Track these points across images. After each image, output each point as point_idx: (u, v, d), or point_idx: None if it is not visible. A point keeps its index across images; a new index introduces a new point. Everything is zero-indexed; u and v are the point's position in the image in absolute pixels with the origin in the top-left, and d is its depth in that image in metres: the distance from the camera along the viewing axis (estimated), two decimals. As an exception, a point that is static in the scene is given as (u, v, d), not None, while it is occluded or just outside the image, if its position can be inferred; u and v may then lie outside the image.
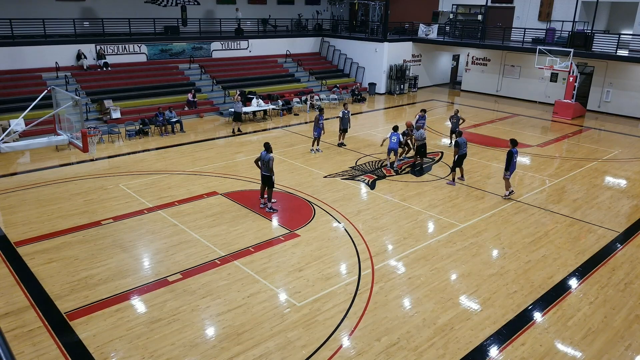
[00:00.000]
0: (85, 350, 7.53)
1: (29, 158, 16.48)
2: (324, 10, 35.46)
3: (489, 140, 19.96)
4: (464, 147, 14.54)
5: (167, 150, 17.72)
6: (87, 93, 21.35)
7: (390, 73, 29.58)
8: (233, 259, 10.22)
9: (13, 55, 20.92)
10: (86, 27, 24.45)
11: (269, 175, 12.20)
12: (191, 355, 7.47)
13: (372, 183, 14.79)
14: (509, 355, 7.66)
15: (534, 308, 8.87)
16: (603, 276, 10.02)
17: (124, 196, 13.38)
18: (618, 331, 8.29)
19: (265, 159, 12.05)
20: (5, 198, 13.19)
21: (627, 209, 13.45)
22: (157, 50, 25.15)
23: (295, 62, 29.89)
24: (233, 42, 27.89)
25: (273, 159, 12.12)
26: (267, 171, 12.14)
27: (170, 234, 11.29)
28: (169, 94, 23.17)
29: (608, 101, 25.64)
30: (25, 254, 10.27)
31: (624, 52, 24.69)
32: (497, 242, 11.32)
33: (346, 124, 18.08)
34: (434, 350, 7.68)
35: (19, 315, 8.32)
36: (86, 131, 10.45)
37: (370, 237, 11.31)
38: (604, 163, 17.43)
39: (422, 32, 30.46)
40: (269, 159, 12.02)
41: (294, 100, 25.02)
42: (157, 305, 8.64)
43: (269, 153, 12.08)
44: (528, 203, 13.58)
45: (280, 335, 7.91)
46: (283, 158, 16.74)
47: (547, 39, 26.88)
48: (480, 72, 30.71)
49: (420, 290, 9.30)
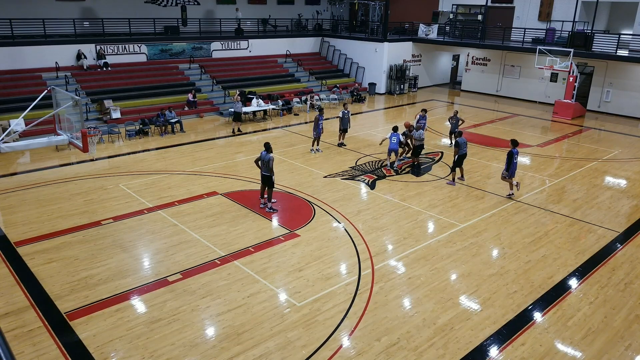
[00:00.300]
0: (85, 350, 7.53)
1: (29, 158, 16.48)
2: (324, 10, 35.45)
3: (489, 140, 19.96)
4: (464, 147, 14.57)
5: (167, 150, 17.72)
6: (87, 93, 21.35)
7: (390, 73, 29.58)
8: (233, 259, 10.22)
9: (13, 55, 20.92)
10: (86, 27, 24.45)
11: (269, 175, 12.22)
12: (191, 355, 7.47)
13: (372, 183, 14.79)
14: (509, 355, 7.66)
15: (534, 308, 8.87)
16: (603, 276, 10.03)
17: (124, 196, 13.39)
18: (618, 331, 8.29)
19: (265, 159, 12.07)
20: (5, 198, 13.19)
21: (627, 209, 13.45)
22: (157, 50, 25.15)
23: (295, 62, 29.88)
24: (233, 42, 27.89)
25: (273, 159, 12.14)
26: (267, 171, 12.15)
27: (170, 234, 11.30)
28: (169, 94, 23.18)
29: (608, 101, 25.64)
30: (25, 254, 10.27)
31: (624, 52, 24.68)
32: (497, 242, 11.33)
33: (346, 124, 18.10)
34: (434, 350, 7.68)
35: (19, 315, 8.32)
36: (86, 131, 10.45)
37: (370, 237, 11.31)
38: (604, 163, 17.43)
39: (422, 32, 30.46)
40: (269, 159, 12.03)
41: (294, 100, 25.02)
42: (157, 305, 8.64)
43: (269, 153, 12.10)
44: (528, 203, 13.58)
45: (280, 335, 7.91)
46: (283, 158, 16.74)
47: (547, 39, 26.87)
48: (480, 72, 30.70)
49: (420, 290, 9.30)
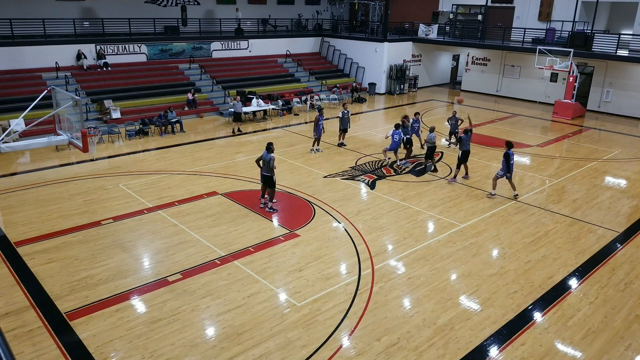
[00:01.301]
0: (85, 350, 7.53)
1: (29, 158, 16.48)
2: (324, 10, 35.45)
3: (489, 140, 19.96)
4: (467, 143, 14.60)
5: (167, 150, 17.72)
6: (87, 93, 21.35)
7: (390, 73, 29.57)
8: (233, 259, 10.22)
9: (13, 55, 20.93)
10: (86, 27, 24.45)
11: (270, 176, 12.23)
12: (191, 355, 7.47)
13: (372, 183, 14.79)
14: (509, 355, 7.66)
15: (534, 308, 8.87)
16: (603, 276, 10.02)
17: (124, 196, 13.38)
18: (618, 331, 8.29)
19: (266, 159, 12.08)
20: (5, 198, 13.19)
21: (627, 209, 13.45)
22: (157, 50, 25.15)
23: (295, 62, 29.88)
24: (233, 42, 27.90)
25: (274, 159, 12.14)
26: (268, 171, 12.16)
27: (170, 234, 11.30)
28: (169, 94, 23.18)
29: (608, 101, 25.63)
30: (25, 254, 10.27)
31: (624, 52, 24.68)
32: (497, 242, 11.32)
33: (346, 124, 18.10)
34: (434, 350, 7.68)
35: (19, 315, 8.32)
36: (86, 131, 10.45)
37: (370, 237, 11.31)
38: (604, 163, 17.42)
39: (422, 32, 30.46)
40: (270, 158, 12.04)
41: (294, 100, 25.02)
42: (157, 305, 8.64)
43: (269, 153, 12.11)
44: (528, 203, 13.58)
45: (280, 335, 7.91)
46: (283, 158, 16.74)
47: (547, 39, 26.87)
48: (480, 72, 30.70)
49: (420, 290, 9.30)
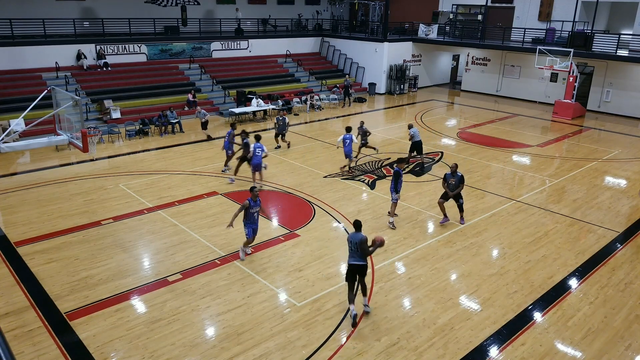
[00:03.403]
0: (85, 350, 7.53)
1: (29, 158, 16.48)
2: (324, 10, 35.45)
3: (489, 140, 19.96)
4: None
5: (167, 150, 17.72)
6: (87, 93, 21.35)
7: (390, 73, 29.57)
8: (233, 259, 10.21)
9: (13, 55, 20.92)
10: (86, 27, 24.44)
11: (364, 265, 8.35)
12: (191, 355, 7.47)
13: (372, 183, 14.79)
14: (509, 355, 7.66)
15: (534, 308, 8.87)
16: (603, 276, 10.02)
17: (124, 196, 13.38)
18: (618, 331, 8.29)
19: (355, 240, 8.32)
20: (5, 198, 13.19)
21: (627, 209, 13.45)
22: (157, 50, 25.14)
23: (295, 62, 29.88)
24: (233, 42, 27.89)
25: (366, 240, 8.29)
26: (361, 259, 8.31)
27: (170, 234, 11.29)
28: (169, 94, 23.17)
29: (608, 101, 25.63)
30: (25, 254, 10.27)
31: (624, 52, 24.67)
32: (497, 242, 11.32)
33: (282, 129, 17.61)
34: (434, 350, 7.68)
35: (19, 315, 8.32)
36: (86, 131, 10.45)
37: (370, 237, 11.25)
38: (604, 163, 17.42)
39: (422, 32, 30.46)
40: (360, 239, 8.25)
41: (294, 100, 25.02)
42: (157, 305, 8.64)
43: (358, 232, 8.44)
44: (528, 203, 13.57)
45: (280, 335, 7.91)
46: (283, 158, 16.73)
47: (547, 39, 26.86)
48: (480, 72, 30.69)
49: (420, 290, 9.30)
